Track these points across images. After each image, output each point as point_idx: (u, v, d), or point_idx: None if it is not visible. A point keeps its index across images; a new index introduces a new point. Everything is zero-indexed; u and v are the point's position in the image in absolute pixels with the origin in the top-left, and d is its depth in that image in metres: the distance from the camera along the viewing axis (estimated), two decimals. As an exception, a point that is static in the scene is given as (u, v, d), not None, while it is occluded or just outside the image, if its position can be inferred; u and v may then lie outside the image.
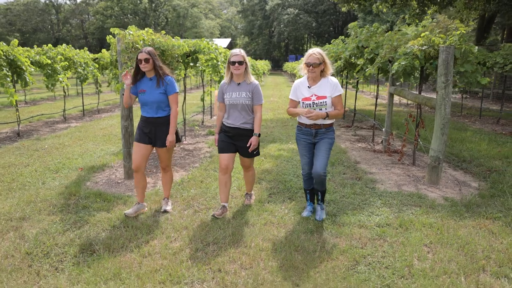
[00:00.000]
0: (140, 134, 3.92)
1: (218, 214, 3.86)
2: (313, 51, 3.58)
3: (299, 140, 3.85)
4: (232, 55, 3.71)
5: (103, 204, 4.30)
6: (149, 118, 3.86)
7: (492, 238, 3.47)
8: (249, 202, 4.27)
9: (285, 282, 2.80)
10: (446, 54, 4.61)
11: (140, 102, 3.89)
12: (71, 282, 2.82)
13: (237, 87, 3.77)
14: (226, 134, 3.88)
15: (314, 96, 3.61)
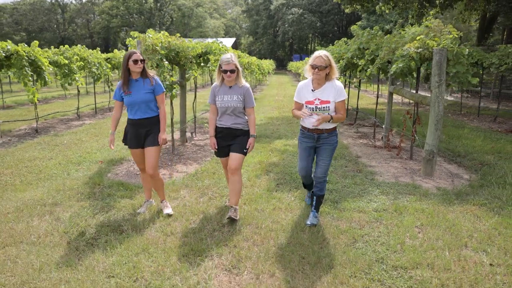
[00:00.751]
0: (131, 139, 3.91)
1: (235, 216, 3.83)
2: (320, 53, 3.48)
3: (301, 142, 3.82)
4: (224, 63, 3.65)
5: (126, 192, 4.75)
6: (138, 119, 3.83)
7: (476, 221, 3.88)
8: (232, 215, 3.80)
9: (292, 255, 3.22)
10: (439, 56, 5.01)
11: (127, 104, 3.83)
12: (106, 255, 3.26)
13: (229, 90, 3.76)
14: (220, 137, 3.89)
15: (318, 100, 3.55)
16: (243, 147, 3.83)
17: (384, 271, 2.99)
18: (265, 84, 29.97)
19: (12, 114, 11.30)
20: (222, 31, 77.86)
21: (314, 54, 3.54)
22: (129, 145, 3.98)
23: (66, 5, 77.85)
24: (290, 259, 3.17)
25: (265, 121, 10.61)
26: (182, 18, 71.11)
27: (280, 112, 12.79)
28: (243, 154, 3.84)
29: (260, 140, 7.89)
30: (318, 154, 3.73)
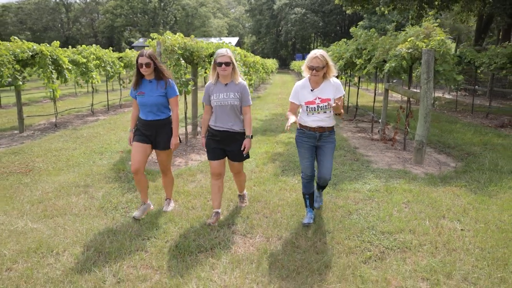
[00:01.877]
0: (140, 135, 3.86)
1: (213, 222, 3.75)
2: (316, 53, 3.42)
3: (300, 143, 3.71)
4: (218, 56, 3.50)
5: (148, 176, 5.36)
6: (150, 121, 3.81)
7: (455, 199, 4.48)
8: (242, 204, 4.12)
9: (296, 224, 3.83)
10: (427, 56, 5.61)
11: (139, 104, 3.81)
12: (139, 224, 3.87)
13: (225, 88, 3.60)
14: (214, 139, 3.71)
15: (318, 99, 3.51)
16: (242, 153, 3.73)
17: (373, 235, 3.59)
18: (269, 83, 30.56)
19: (28, 111, 11.93)
20: (226, 30, 78.45)
21: (310, 55, 3.46)
22: (135, 139, 3.89)
23: (70, 5, 78.55)
24: (294, 227, 3.77)
25: (270, 117, 11.21)
26: (186, 17, 71.71)
27: (283, 109, 13.39)
28: (243, 161, 3.83)
29: (265, 134, 8.49)
30: (320, 154, 3.67)
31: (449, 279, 2.87)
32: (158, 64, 3.75)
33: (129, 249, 3.31)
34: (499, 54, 9.22)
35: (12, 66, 7.19)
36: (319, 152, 3.69)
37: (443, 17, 32.43)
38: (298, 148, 3.76)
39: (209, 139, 3.77)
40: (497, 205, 4.28)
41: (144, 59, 3.66)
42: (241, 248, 3.38)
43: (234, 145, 3.69)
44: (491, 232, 3.62)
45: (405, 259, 3.18)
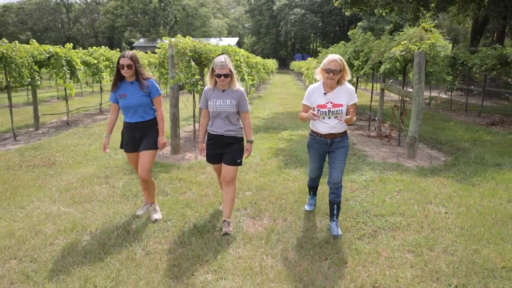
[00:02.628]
0: (127, 143, 3.84)
1: (230, 231, 3.69)
2: (334, 57, 3.38)
3: (312, 148, 3.72)
4: (217, 67, 3.44)
5: (162, 169, 5.83)
6: (135, 123, 3.75)
7: (442, 187, 4.96)
8: (227, 229, 3.68)
9: (299, 209, 4.30)
10: (419, 58, 6.09)
11: (122, 107, 3.72)
12: (160, 207, 4.33)
13: (222, 94, 3.57)
14: (211, 143, 3.70)
15: (330, 104, 3.46)
16: (236, 157, 3.65)
17: (367, 217, 4.07)
18: (269, 83, 31.02)
19: (40, 109, 12.38)
20: (225, 30, 78.90)
21: (328, 58, 3.42)
22: (125, 149, 3.89)
23: (71, 5, 78.90)
24: (298, 211, 4.25)
25: (271, 115, 11.68)
26: (186, 18, 72.14)
27: (284, 108, 13.87)
28: (237, 165, 3.68)
29: (268, 131, 8.97)
30: (332, 158, 3.62)
31: (431, 251, 3.35)
32: (138, 66, 3.67)
33: (153, 229, 3.78)
34: (489, 55, 9.70)
35: (31, 67, 7.65)
36: (331, 155, 3.64)
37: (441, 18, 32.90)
38: (309, 152, 3.76)
39: (208, 144, 3.76)
40: (479, 193, 4.76)
41: (125, 61, 3.57)
42: (251, 228, 3.85)
43: (228, 148, 3.64)
44: (471, 215, 4.10)
45: (394, 236, 3.65)
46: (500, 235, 3.62)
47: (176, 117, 6.65)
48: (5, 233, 3.65)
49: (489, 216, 4.07)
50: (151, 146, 3.81)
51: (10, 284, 2.86)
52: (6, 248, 3.37)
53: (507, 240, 3.54)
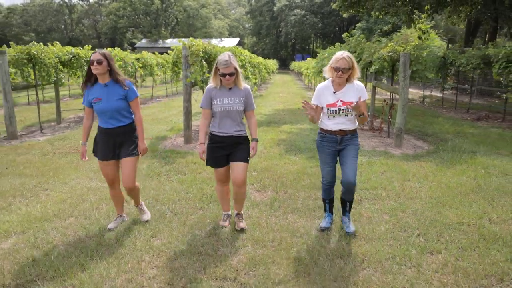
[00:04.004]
0: (103, 150, 3.53)
1: (226, 224, 3.72)
2: (343, 54, 3.31)
3: (321, 148, 3.59)
4: (221, 65, 3.30)
5: (178, 155, 6.66)
6: (111, 129, 3.48)
7: (421, 169, 5.79)
8: (241, 224, 3.73)
9: (297, 184, 5.12)
10: (404, 58, 6.91)
11: (98, 112, 3.46)
12: (180, 184, 5.15)
13: (229, 93, 3.44)
14: (218, 146, 3.54)
15: (340, 102, 3.40)
16: (246, 155, 3.56)
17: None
18: (270, 83, 31.85)
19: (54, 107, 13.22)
20: (226, 31, 79.80)
21: (336, 55, 3.35)
22: (99, 157, 3.56)
23: (73, 6, 79.78)
24: (296, 186, 5.07)
25: (273, 112, 12.51)
26: (187, 18, 73.01)
27: (284, 105, 14.70)
28: (247, 162, 3.58)
29: (270, 125, 9.79)
30: (344, 156, 3.53)
31: (403, 213, 4.17)
32: (113, 65, 3.41)
33: (178, 198, 4.61)
34: (474, 55, 10.52)
35: (57, 67, 8.49)
36: (342, 154, 3.55)
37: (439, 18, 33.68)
38: (319, 153, 3.64)
39: (212, 147, 3.57)
40: (451, 173, 5.58)
41: (96, 56, 3.30)
42: (258, 197, 4.68)
43: (238, 147, 3.55)
44: (440, 188, 4.92)
45: (375, 203, 4.48)
46: (461, 202, 4.44)
47: (188, 111, 7.48)
48: (58, 200, 4.48)
49: (455, 189, 4.89)
50: (133, 152, 3.56)
51: (74, 232, 3.69)
52: (63, 210, 4.20)
53: (465, 205, 4.35)
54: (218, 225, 3.81)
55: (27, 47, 7.98)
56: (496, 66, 9.11)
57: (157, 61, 15.23)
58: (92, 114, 3.61)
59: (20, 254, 3.25)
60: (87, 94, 3.48)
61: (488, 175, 5.48)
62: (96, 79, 3.44)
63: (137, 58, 13.69)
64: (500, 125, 10.06)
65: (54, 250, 3.32)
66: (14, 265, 3.07)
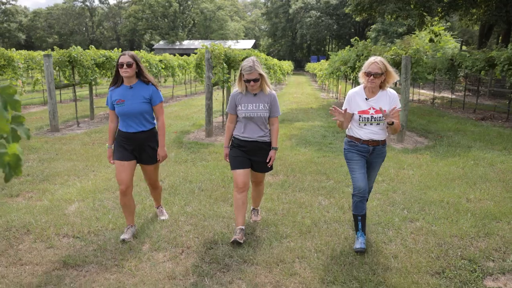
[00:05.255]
0: (122, 151, 3.43)
1: (239, 238, 3.46)
2: (375, 59, 3.21)
3: (351, 156, 3.41)
4: (246, 72, 3.30)
5: (201, 146, 7.52)
6: (133, 133, 3.39)
7: (416, 160, 6.51)
8: (256, 218, 3.96)
9: (305, 170, 5.91)
10: (405, 61, 7.63)
11: (120, 114, 3.38)
12: (204, 168, 5.99)
13: (254, 98, 3.44)
14: (241, 149, 3.54)
15: (373, 110, 3.26)
16: (267, 165, 3.62)
17: (354, 176, 5.66)
18: (284, 84, 32.62)
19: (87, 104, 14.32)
20: (242, 33, 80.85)
21: (368, 60, 3.27)
22: (116, 157, 3.45)
23: (94, 9, 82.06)
24: (304, 171, 5.86)
25: (286, 111, 13.30)
26: (204, 21, 74.34)
27: (298, 105, 15.48)
28: (269, 170, 3.70)
29: (283, 122, 10.59)
30: (369, 167, 3.47)
31: (394, 193, 4.92)
32: (141, 67, 3.38)
33: (203, 179, 5.45)
34: (479, 58, 11.09)
35: (93, 68, 9.49)
36: (368, 164, 3.47)
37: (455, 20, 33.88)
38: (348, 162, 3.45)
39: (234, 149, 3.58)
40: (443, 163, 6.29)
41: (125, 58, 3.25)
42: (271, 180, 5.49)
43: (261, 155, 3.55)
44: (430, 175, 5.65)
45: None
46: (445, 186, 5.17)
47: (210, 108, 8.35)
48: (105, 179, 5.40)
49: (443, 176, 5.61)
50: (154, 160, 3.55)
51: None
52: (110, 186, 5.10)
53: (449, 188, 5.08)
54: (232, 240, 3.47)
55: (68, 50, 8.98)
56: (498, 68, 9.70)
57: (179, 62, 16.22)
58: (117, 116, 3.49)
59: (84, 214, 4.15)
60: (111, 95, 3.42)
61: (476, 165, 6.17)
62: (122, 81, 3.39)
63: (160, 60, 14.68)
64: (503, 124, 10.61)
65: (109, 212, 4.21)
66: (83, 221, 3.97)
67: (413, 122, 10.46)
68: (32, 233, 3.71)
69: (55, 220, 3.98)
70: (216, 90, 10.58)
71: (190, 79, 22.50)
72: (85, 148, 7.31)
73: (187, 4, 76.82)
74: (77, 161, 6.35)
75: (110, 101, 3.44)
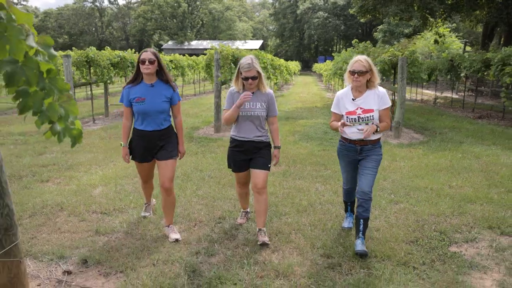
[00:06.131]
0: (142, 154, 3.48)
1: (242, 222, 3.71)
2: (359, 57, 3.21)
3: (341, 155, 3.50)
4: (244, 69, 3.27)
5: (210, 140, 8.10)
6: (150, 131, 3.38)
7: (409, 153, 7.02)
8: (264, 239, 3.48)
9: (306, 161, 6.45)
10: (401, 62, 8.13)
11: (138, 112, 3.35)
12: (213, 159, 6.55)
13: (251, 97, 3.34)
14: (238, 150, 3.51)
15: (360, 110, 3.24)
16: (267, 162, 3.50)
17: (350, 167, 6.19)
18: (291, 84, 33.14)
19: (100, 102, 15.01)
20: (250, 33, 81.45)
21: (352, 59, 3.26)
22: (138, 159, 3.52)
23: (104, 10, 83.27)
24: (305, 163, 6.40)
25: (292, 109, 13.84)
26: (212, 21, 75.06)
27: (303, 104, 16.01)
28: (268, 169, 3.51)
29: (288, 120, 11.14)
30: (362, 166, 3.37)
31: (384, 181, 5.44)
32: (163, 65, 3.40)
33: (213, 168, 6.01)
34: (476, 59, 11.53)
35: (109, 68, 10.13)
36: (361, 163, 3.40)
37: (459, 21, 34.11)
38: (340, 160, 3.58)
39: (232, 151, 3.56)
40: (433, 156, 6.80)
41: (148, 55, 3.24)
42: (274, 170, 6.03)
43: (259, 152, 3.49)
44: (419, 166, 6.16)
45: (364, 175, 5.76)
46: (432, 175, 5.68)
47: (219, 105, 8.93)
48: (124, 167, 5.99)
49: (431, 167, 6.12)
50: (173, 154, 3.52)
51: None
52: (129, 173, 5.68)
53: (434, 177, 5.59)
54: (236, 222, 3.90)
55: (86, 51, 9.64)
56: (492, 69, 10.15)
57: (188, 62, 16.85)
58: (131, 114, 3.47)
59: (108, 196, 4.74)
60: (128, 93, 3.36)
61: (463, 158, 6.67)
62: (141, 79, 3.36)
63: (171, 60, 15.32)
64: (498, 122, 11.04)
65: (130, 194, 4.80)
66: (108, 201, 4.56)
67: (412, 120, 10.94)
68: (66, 210, 4.30)
69: (83, 200, 4.58)
70: (224, 90, 11.17)
71: (199, 78, 23.12)
72: (103, 142, 7.93)
73: (195, 4, 77.58)
74: (97, 153, 6.96)
75: (127, 98, 3.37)
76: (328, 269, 3.10)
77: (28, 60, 1.54)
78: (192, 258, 3.26)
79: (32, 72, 1.53)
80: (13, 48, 1.48)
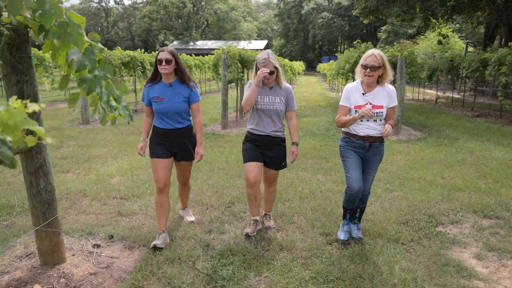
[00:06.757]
0: (159, 149, 3.41)
1: (251, 232, 3.55)
2: (373, 51, 3.11)
3: (346, 153, 3.34)
4: (260, 64, 3.30)
5: (217, 136, 8.52)
6: (169, 130, 3.39)
7: (407, 148, 7.39)
8: (269, 223, 3.79)
9: (309, 155, 6.85)
10: (400, 62, 8.50)
11: (157, 112, 3.37)
12: (221, 153, 6.95)
13: (270, 91, 3.41)
14: (254, 143, 3.49)
15: (369, 105, 3.16)
16: (281, 160, 3.56)
17: (350, 160, 6.58)
18: (295, 84, 33.51)
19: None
20: (255, 33, 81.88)
21: (366, 53, 3.17)
22: (154, 154, 3.42)
23: (110, 10, 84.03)
24: (307, 156, 6.80)
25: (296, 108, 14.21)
26: (217, 21, 75.55)
27: (307, 103, 16.40)
28: (282, 168, 3.60)
29: (291, 118, 11.54)
30: (365, 165, 3.35)
31: (382, 173, 5.82)
32: (180, 64, 3.34)
33: (221, 161, 6.42)
34: (474, 59, 11.87)
35: (120, 67, 10.58)
36: (364, 163, 3.35)
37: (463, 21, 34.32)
38: (344, 159, 3.37)
39: (248, 143, 3.56)
40: (429, 151, 7.17)
41: (164, 54, 3.20)
42: (278, 163, 6.44)
43: (274, 150, 3.51)
44: (415, 160, 6.54)
45: (363, 167, 6.15)
46: (426, 168, 6.06)
47: (226, 103, 9.35)
48: (137, 160, 6.42)
49: (425, 160, 6.50)
50: (191, 156, 3.55)
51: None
52: (143, 165, 6.11)
53: (428, 169, 5.97)
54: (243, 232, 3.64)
55: (99, 51, 10.07)
56: (489, 69, 10.49)
57: (195, 62, 17.30)
58: (152, 112, 3.47)
59: (126, 184, 5.17)
60: (148, 92, 3.39)
61: (457, 152, 7.04)
62: (160, 78, 3.36)
63: (178, 60, 15.81)
64: (495, 120, 11.37)
65: (146, 183, 5.22)
66: (126, 188, 4.99)
67: (412, 118, 11.30)
68: (88, 196, 4.74)
69: (104, 187, 5.01)
70: (230, 89, 11.58)
71: (206, 78, 23.57)
72: (116, 137, 8.37)
73: (201, 5, 78.11)
74: (111, 147, 7.39)
75: (147, 97, 3.40)
76: (326, 245, 3.51)
77: (87, 50, 1.97)
78: (205, 235, 3.67)
79: (91, 59, 1.96)
80: (76, 40, 1.91)
